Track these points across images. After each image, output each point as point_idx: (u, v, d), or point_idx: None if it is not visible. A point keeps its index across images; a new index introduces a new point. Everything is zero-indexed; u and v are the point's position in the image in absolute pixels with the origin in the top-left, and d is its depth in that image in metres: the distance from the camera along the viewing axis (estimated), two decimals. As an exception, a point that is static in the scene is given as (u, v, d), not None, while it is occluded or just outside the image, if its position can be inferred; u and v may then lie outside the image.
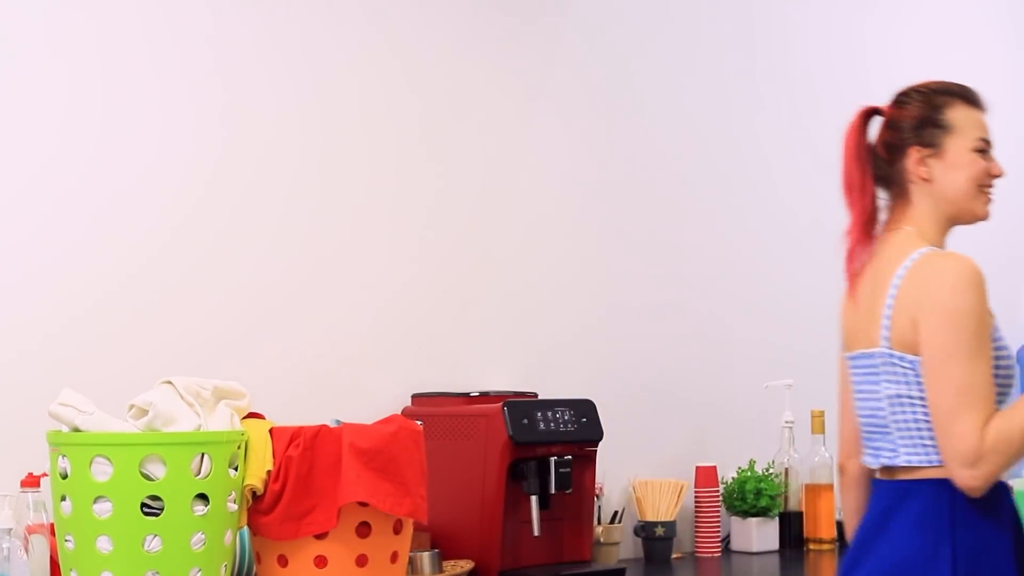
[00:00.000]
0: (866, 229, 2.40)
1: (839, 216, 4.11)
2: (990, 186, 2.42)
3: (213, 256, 3.01)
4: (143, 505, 2.19)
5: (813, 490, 3.61)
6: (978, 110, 2.47)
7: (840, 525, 3.65)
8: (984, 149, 2.42)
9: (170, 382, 2.33)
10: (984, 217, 2.45)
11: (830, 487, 3.62)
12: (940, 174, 2.37)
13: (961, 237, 4.66)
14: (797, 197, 4.10)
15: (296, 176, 3.15)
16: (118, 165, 2.89)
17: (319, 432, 2.37)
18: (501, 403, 2.95)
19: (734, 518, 3.56)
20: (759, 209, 4.03)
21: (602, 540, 3.34)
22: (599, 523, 3.35)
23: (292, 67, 3.15)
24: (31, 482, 2.49)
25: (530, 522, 2.97)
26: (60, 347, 2.80)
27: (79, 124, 2.85)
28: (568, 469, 2.99)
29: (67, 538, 2.23)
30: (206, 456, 2.23)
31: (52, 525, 2.39)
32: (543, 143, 3.58)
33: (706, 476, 3.54)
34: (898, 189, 2.40)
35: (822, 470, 3.62)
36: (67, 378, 2.53)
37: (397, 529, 2.42)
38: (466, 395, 3.09)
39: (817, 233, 4.13)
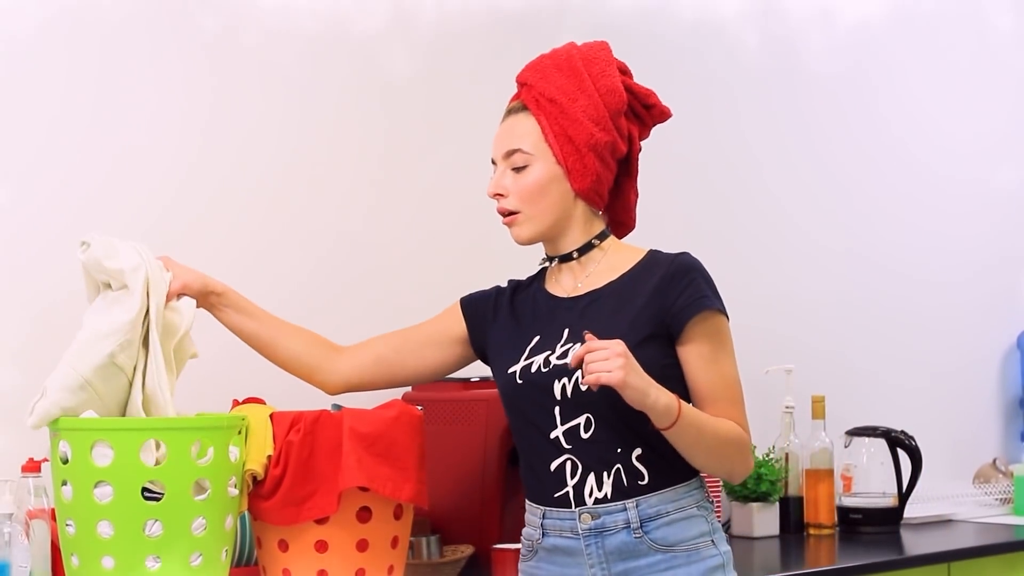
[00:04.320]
0: None
1: (834, 203, 4.12)
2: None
3: (216, 253, 3.02)
4: (144, 490, 2.19)
5: (813, 475, 3.62)
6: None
7: (840, 510, 3.67)
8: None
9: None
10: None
11: (830, 472, 3.62)
12: None
13: (958, 228, 4.66)
14: (792, 186, 4.09)
15: (290, 164, 3.16)
16: (106, 153, 2.90)
17: (319, 417, 2.38)
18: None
19: (734, 503, 3.56)
20: (757, 199, 4.03)
21: (602, 525, 3.35)
22: (599, 508, 3.35)
23: (282, 64, 3.15)
24: (32, 467, 2.49)
25: (530, 507, 2.97)
26: (58, 334, 2.80)
27: (71, 117, 2.86)
28: (568, 454, 2.99)
29: (68, 523, 2.24)
30: (206, 441, 2.24)
31: (53, 510, 2.39)
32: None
33: (706, 461, 3.54)
34: None
35: (823, 455, 3.62)
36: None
37: (398, 514, 2.43)
38: (466, 380, 3.09)
39: (816, 221, 4.14)
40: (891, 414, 3.91)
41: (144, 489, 2.19)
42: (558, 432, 2.26)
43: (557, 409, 2.26)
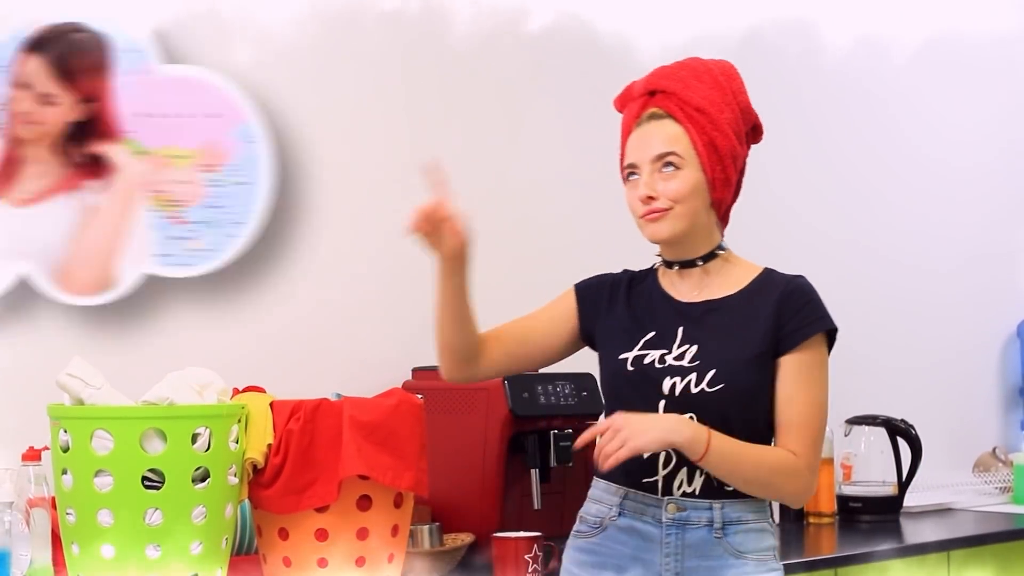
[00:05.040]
0: None
1: (835, 192, 4.11)
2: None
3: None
4: (144, 478, 2.19)
5: (813, 464, 3.62)
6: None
7: (840, 499, 3.67)
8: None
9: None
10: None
11: (830, 461, 3.62)
12: None
13: (952, 219, 4.64)
14: (793, 175, 4.09)
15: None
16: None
17: (320, 406, 2.38)
18: (502, 377, 2.95)
19: (734, 492, 3.56)
20: (758, 188, 4.02)
21: (602, 513, 3.35)
22: (599, 497, 3.35)
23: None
24: (32, 456, 2.49)
25: (531, 495, 2.98)
26: (59, 320, 2.80)
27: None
28: (569, 443, 2.99)
29: (68, 511, 2.24)
30: (207, 429, 2.24)
31: (53, 499, 2.39)
32: (543, 120, 3.57)
33: (706, 450, 3.53)
34: None
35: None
36: (66, 352, 2.53)
37: (398, 503, 2.43)
38: (467, 369, 3.09)
39: (816, 209, 4.14)
40: (891, 403, 3.91)
41: (144, 478, 2.19)
42: None
43: (662, 404, 2.29)
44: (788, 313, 2.32)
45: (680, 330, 2.33)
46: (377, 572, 2.39)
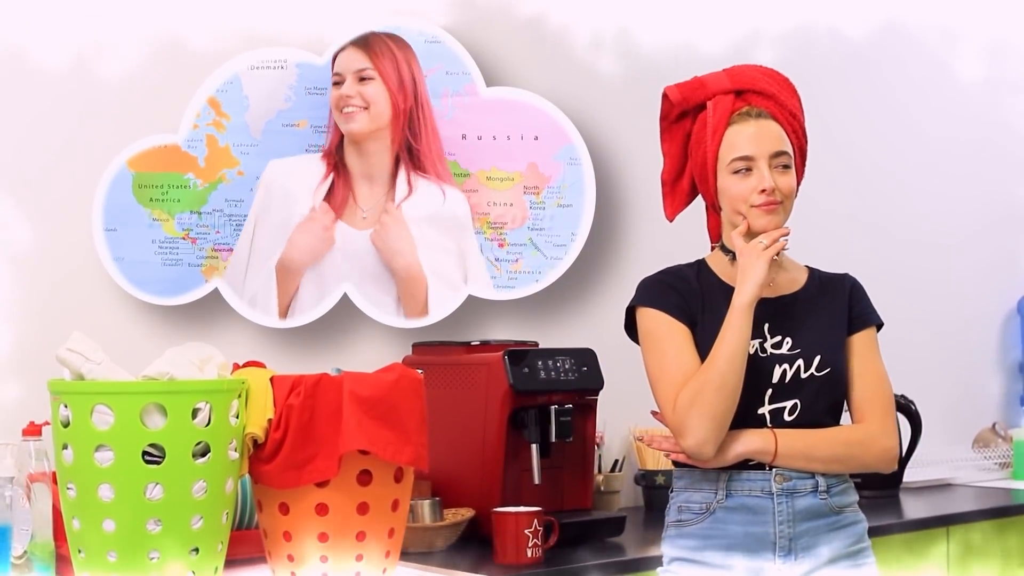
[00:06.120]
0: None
1: (836, 167, 4.12)
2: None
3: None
4: (144, 453, 2.19)
5: (813, 439, 3.62)
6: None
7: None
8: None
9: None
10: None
11: (830, 436, 3.63)
12: None
13: (952, 193, 4.66)
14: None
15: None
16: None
17: (320, 380, 2.37)
18: (502, 352, 2.96)
19: (734, 467, 3.57)
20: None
21: (603, 488, 3.36)
22: (600, 472, 3.36)
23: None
24: (33, 430, 2.49)
25: (531, 470, 2.98)
26: (64, 295, 2.80)
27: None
28: (569, 418, 3.00)
29: (69, 486, 2.24)
30: (207, 404, 2.24)
31: (54, 473, 2.39)
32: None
33: (706, 425, 3.53)
34: None
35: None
36: (68, 327, 2.54)
37: (398, 477, 2.43)
38: (467, 344, 3.10)
39: (818, 184, 4.13)
40: (891, 378, 3.91)
41: (144, 452, 2.19)
42: (765, 410, 2.41)
43: (770, 392, 2.40)
44: (856, 302, 2.50)
45: (766, 325, 2.42)
46: (377, 547, 2.40)
